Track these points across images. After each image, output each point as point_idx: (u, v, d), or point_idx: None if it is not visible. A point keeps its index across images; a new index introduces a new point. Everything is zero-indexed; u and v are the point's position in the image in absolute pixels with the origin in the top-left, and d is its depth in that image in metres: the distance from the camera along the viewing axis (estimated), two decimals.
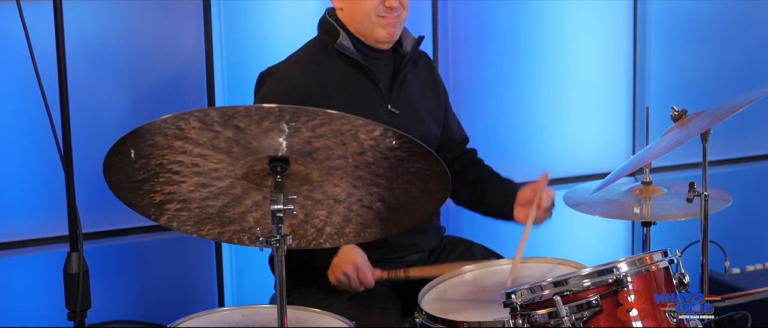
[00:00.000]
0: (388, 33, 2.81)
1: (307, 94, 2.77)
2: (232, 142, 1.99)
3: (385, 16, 2.79)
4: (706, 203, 2.60)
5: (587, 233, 3.94)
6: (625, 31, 3.98)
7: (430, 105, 2.97)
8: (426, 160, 2.07)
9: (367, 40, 2.84)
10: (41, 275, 3.25)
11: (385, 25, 2.80)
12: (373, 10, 2.78)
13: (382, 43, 2.83)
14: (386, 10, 2.78)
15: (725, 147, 4.16)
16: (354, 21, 2.83)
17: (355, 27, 2.83)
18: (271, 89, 2.80)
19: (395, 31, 2.82)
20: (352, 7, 2.82)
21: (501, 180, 2.95)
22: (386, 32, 2.81)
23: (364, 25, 2.81)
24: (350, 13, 2.83)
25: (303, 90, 2.77)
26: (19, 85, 3.14)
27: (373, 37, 2.82)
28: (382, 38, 2.82)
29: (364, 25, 2.81)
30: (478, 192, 2.95)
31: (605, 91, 3.98)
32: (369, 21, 2.80)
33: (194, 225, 2.22)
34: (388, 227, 2.27)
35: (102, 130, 3.26)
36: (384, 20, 2.79)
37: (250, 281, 3.51)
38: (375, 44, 2.84)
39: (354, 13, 2.82)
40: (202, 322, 2.48)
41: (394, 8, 2.79)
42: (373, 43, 2.83)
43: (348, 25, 2.84)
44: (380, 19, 2.79)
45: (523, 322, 2.23)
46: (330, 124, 1.97)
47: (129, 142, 1.98)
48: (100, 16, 3.27)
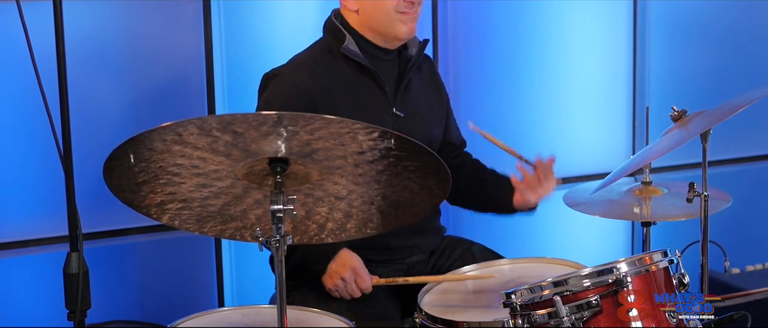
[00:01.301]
0: (409, 28, 2.82)
1: (312, 98, 2.77)
2: (231, 145, 1.99)
3: (406, 12, 2.80)
4: (706, 203, 2.60)
5: (587, 233, 3.94)
6: (625, 31, 3.98)
7: (434, 108, 2.98)
8: (426, 158, 2.07)
9: (385, 39, 2.83)
10: (41, 275, 3.25)
11: (406, 21, 2.80)
12: (394, 8, 2.79)
13: (402, 39, 2.84)
14: (407, 5, 2.79)
15: (725, 147, 4.16)
16: (373, 21, 2.82)
17: (373, 27, 2.83)
18: (275, 92, 2.80)
19: (414, 26, 2.84)
20: (372, 8, 2.81)
21: (498, 174, 2.96)
22: (408, 28, 2.81)
23: (384, 24, 2.81)
24: (369, 13, 2.82)
25: (307, 93, 2.77)
26: (19, 85, 3.14)
27: (394, 34, 2.82)
28: (403, 34, 2.82)
29: (383, 24, 2.81)
30: (476, 188, 2.95)
31: (605, 91, 3.98)
32: (389, 19, 2.80)
33: (196, 223, 2.23)
34: (389, 223, 2.27)
35: (102, 130, 3.26)
36: (405, 16, 2.80)
37: (250, 281, 3.51)
38: (391, 42, 2.84)
39: (373, 13, 2.81)
40: (202, 322, 2.48)
41: (415, 2, 2.80)
42: (392, 40, 2.83)
43: (364, 26, 2.83)
44: (401, 15, 2.80)
45: (523, 322, 2.23)
46: (328, 128, 1.97)
47: (129, 147, 1.99)
48: (100, 16, 3.27)
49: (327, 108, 2.76)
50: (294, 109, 2.71)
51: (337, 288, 2.69)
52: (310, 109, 2.75)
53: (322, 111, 2.75)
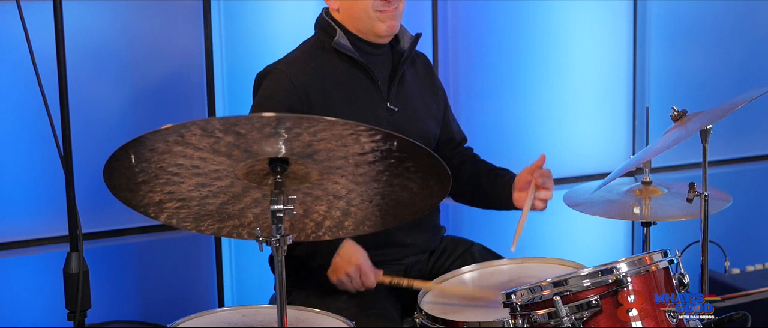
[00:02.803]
0: (388, 26, 2.81)
1: (307, 93, 2.77)
2: (233, 146, 1.99)
3: (384, 10, 2.79)
4: (706, 203, 2.60)
5: (587, 233, 3.93)
6: (625, 31, 3.98)
7: (428, 104, 2.97)
8: (427, 160, 2.07)
9: (368, 37, 2.83)
10: (41, 275, 3.25)
11: (385, 19, 2.80)
12: (371, 6, 2.78)
13: (382, 37, 2.83)
14: (384, 3, 2.78)
15: (725, 147, 4.16)
16: (352, 19, 2.83)
17: (353, 25, 2.83)
18: (270, 88, 2.79)
19: (394, 23, 2.82)
20: (350, 6, 2.81)
21: (498, 170, 2.95)
22: (386, 26, 2.81)
23: (363, 22, 2.81)
24: (348, 11, 2.83)
25: (303, 88, 2.77)
26: (19, 85, 3.14)
27: (373, 32, 2.81)
28: (382, 32, 2.81)
29: (363, 22, 2.81)
30: (476, 185, 2.94)
31: (605, 91, 3.98)
32: (368, 17, 2.80)
33: (193, 222, 2.23)
34: (387, 221, 2.27)
35: (102, 130, 3.26)
36: (383, 14, 2.79)
37: (250, 281, 3.51)
38: (375, 40, 2.84)
39: (352, 11, 2.82)
40: (202, 322, 2.48)
41: (391, 0, 2.79)
42: (374, 38, 2.83)
43: (346, 24, 2.84)
44: (379, 13, 2.79)
45: (522, 322, 2.23)
46: (331, 130, 1.97)
47: (130, 148, 1.99)
48: (100, 16, 3.27)
49: (321, 103, 2.76)
50: (290, 103, 2.73)
51: (341, 283, 2.69)
52: (305, 104, 2.75)
53: (316, 106, 2.75)
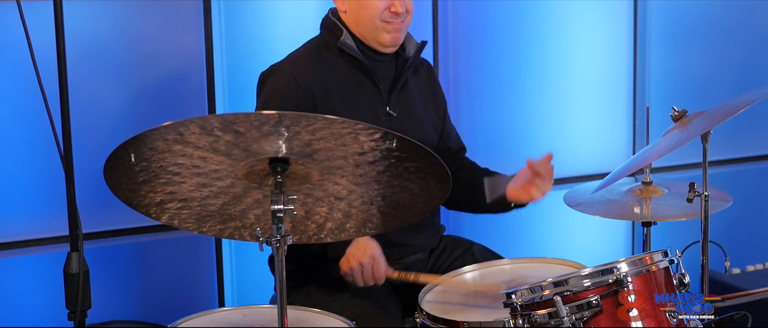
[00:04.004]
0: (392, 38, 2.81)
1: (311, 91, 2.77)
2: (232, 145, 1.99)
3: (391, 22, 2.79)
4: (706, 203, 2.60)
5: (587, 233, 3.94)
6: (625, 31, 3.98)
7: (428, 111, 2.97)
8: (426, 160, 2.07)
9: (371, 44, 2.83)
10: (41, 275, 3.25)
11: (390, 31, 2.80)
12: (378, 15, 2.78)
13: (386, 47, 2.83)
14: (392, 15, 2.78)
15: (725, 147, 4.16)
16: (359, 24, 2.82)
17: (359, 30, 2.83)
18: (275, 86, 2.79)
19: (400, 35, 2.82)
20: (357, 11, 2.81)
21: (494, 174, 2.95)
22: (391, 37, 2.80)
23: (369, 29, 2.81)
24: (354, 16, 2.82)
25: (307, 87, 2.77)
26: (20, 85, 3.14)
27: (377, 41, 2.81)
28: (386, 43, 2.81)
29: (368, 29, 2.81)
30: (472, 189, 2.94)
31: (605, 91, 3.98)
32: (374, 25, 2.79)
33: (195, 222, 2.23)
34: (388, 223, 2.27)
35: (102, 130, 3.26)
36: (389, 25, 2.79)
37: (250, 281, 3.51)
38: (378, 48, 2.83)
39: (358, 17, 2.81)
40: (202, 322, 2.48)
41: (399, 13, 2.78)
42: (377, 46, 2.83)
43: (352, 27, 2.84)
44: (385, 24, 2.79)
45: (523, 322, 2.23)
46: (330, 128, 1.97)
47: (129, 147, 1.99)
48: (100, 16, 3.27)
49: (324, 103, 2.76)
50: (295, 102, 2.73)
51: (352, 272, 2.66)
52: (310, 103, 2.75)
53: (320, 106, 2.75)
